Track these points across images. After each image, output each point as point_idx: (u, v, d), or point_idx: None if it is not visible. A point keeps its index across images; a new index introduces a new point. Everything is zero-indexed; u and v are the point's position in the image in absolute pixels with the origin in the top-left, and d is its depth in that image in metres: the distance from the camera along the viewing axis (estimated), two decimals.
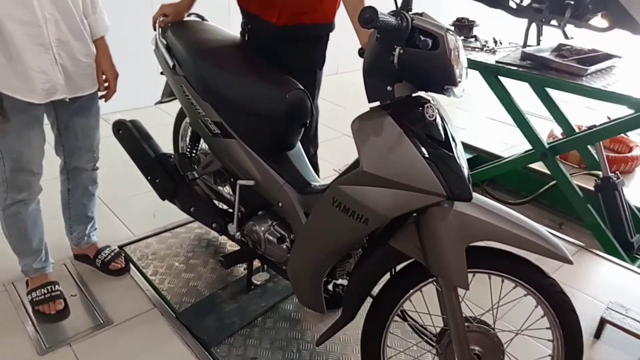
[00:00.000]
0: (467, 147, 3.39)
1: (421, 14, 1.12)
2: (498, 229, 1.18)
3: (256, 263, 1.95)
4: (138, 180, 2.00)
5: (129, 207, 2.50)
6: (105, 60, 1.71)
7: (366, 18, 0.98)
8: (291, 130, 1.61)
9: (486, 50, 2.67)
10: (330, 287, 1.86)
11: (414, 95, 1.23)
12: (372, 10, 0.97)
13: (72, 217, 1.97)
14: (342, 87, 4.03)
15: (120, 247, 2.15)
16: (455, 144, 1.24)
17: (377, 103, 1.24)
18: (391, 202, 1.18)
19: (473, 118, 4.28)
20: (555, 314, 1.27)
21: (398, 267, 1.37)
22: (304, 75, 1.72)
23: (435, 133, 1.19)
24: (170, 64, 1.76)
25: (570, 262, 1.21)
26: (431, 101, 1.24)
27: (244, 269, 1.98)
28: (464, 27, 2.86)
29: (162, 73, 1.91)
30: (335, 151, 3.01)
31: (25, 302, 1.84)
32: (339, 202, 1.24)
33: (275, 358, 1.68)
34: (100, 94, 1.75)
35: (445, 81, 1.14)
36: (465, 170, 1.22)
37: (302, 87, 1.56)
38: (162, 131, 2.22)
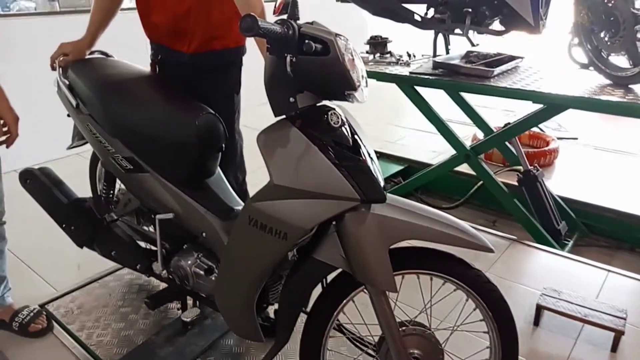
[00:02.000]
0: (398, 159, 3.48)
1: (311, 23, 1.13)
2: (416, 227, 1.18)
3: (191, 302, 1.85)
4: (56, 232, 1.86)
5: (49, 261, 2.33)
6: (1, 104, 1.61)
7: (245, 26, 0.97)
8: (206, 157, 1.56)
9: (401, 63, 2.77)
10: (271, 314, 1.79)
11: (317, 104, 1.23)
12: (251, 18, 0.97)
13: None
14: (269, 116, 4.04)
15: (41, 305, 1.98)
16: (365, 148, 1.25)
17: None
18: (306, 212, 1.15)
19: (403, 131, 4.41)
20: (486, 304, 1.28)
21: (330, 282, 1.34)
22: (221, 102, 1.70)
23: (342, 139, 1.19)
24: (74, 103, 1.68)
25: (491, 251, 1.22)
26: (335, 108, 1.24)
27: (178, 309, 1.88)
28: (378, 44, 2.95)
29: (68, 115, 1.82)
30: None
31: None
32: (255, 220, 1.20)
33: None
34: (0, 139, 1.64)
35: (343, 87, 1.14)
36: (377, 172, 1.22)
37: (212, 112, 1.52)
38: (83, 180, 2.09)
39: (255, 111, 1.88)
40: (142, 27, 1.76)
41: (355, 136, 1.24)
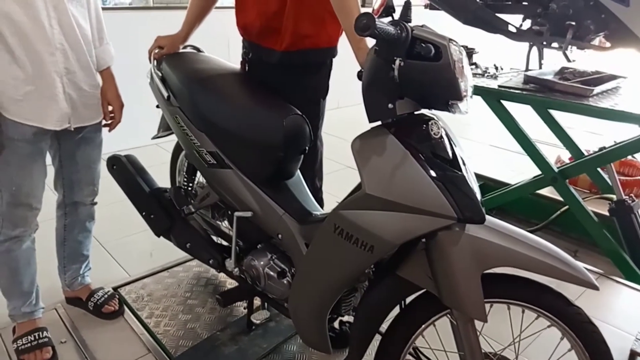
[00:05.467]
0: None
1: (422, 26, 1.06)
2: (515, 254, 1.08)
3: (257, 302, 1.84)
4: (134, 219, 1.92)
5: (125, 246, 2.41)
6: (112, 90, 1.68)
7: (363, 25, 0.92)
8: (290, 158, 1.54)
9: (487, 76, 2.64)
10: (336, 324, 1.74)
11: (417, 112, 1.16)
12: (369, 16, 0.92)
13: (67, 256, 1.88)
14: (344, 121, 4.00)
15: (115, 288, 2.04)
16: (464, 163, 1.17)
17: (379, 123, 1.17)
18: (397, 227, 1.09)
19: (477, 147, 4.22)
20: (584, 346, 1.15)
21: (408, 300, 1.27)
22: (307, 105, 1.66)
23: (441, 152, 1.12)
24: (165, 95, 1.71)
25: (596, 288, 1.10)
26: (435, 117, 1.17)
27: (244, 308, 1.87)
28: None
29: (157, 106, 1.86)
30: (339, 184, 2.93)
31: (11, 350, 1.72)
32: (340, 229, 1.15)
33: None
34: (104, 122, 1.71)
35: (449, 95, 1.07)
36: (476, 191, 1.13)
37: (299, 113, 1.50)
38: (162, 169, 2.15)
39: (327, 116, 1.84)
40: (236, 24, 1.77)
41: (455, 150, 1.16)
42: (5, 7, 1.32)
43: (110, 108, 1.69)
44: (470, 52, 2.87)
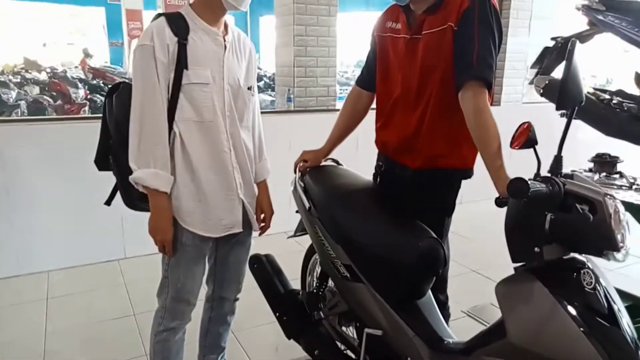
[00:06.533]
0: (619, 294, 2.96)
1: (572, 176, 1.06)
2: None
3: None
4: (265, 309, 2.04)
5: (253, 337, 2.53)
6: (265, 200, 1.87)
7: (515, 190, 0.95)
8: (423, 280, 1.56)
9: (636, 188, 2.43)
10: None
11: (565, 257, 1.13)
12: (521, 182, 0.95)
13: (207, 346, 2.04)
14: (466, 218, 3.90)
15: None
16: (621, 314, 1.09)
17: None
18: None
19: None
20: None
21: None
22: (433, 221, 1.68)
23: (595, 304, 1.06)
24: (307, 205, 1.87)
25: None
26: (587, 264, 1.12)
27: None
28: (605, 163, 2.67)
29: (297, 211, 2.02)
30: (463, 289, 2.83)
31: None
32: None
33: None
34: (256, 226, 1.87)
35: (604, 246, 1.04)
36: (637, 347, 1.04)
37: (435, 236, 1.53)
38: (288, 257, 2.30)
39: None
40: (375, 141, 1.91)
41: (610, 299, 1.09)
42: (196, 137, 1.60)
43: (262, 216, 1.87)
44: (614, 161, 2.69)
